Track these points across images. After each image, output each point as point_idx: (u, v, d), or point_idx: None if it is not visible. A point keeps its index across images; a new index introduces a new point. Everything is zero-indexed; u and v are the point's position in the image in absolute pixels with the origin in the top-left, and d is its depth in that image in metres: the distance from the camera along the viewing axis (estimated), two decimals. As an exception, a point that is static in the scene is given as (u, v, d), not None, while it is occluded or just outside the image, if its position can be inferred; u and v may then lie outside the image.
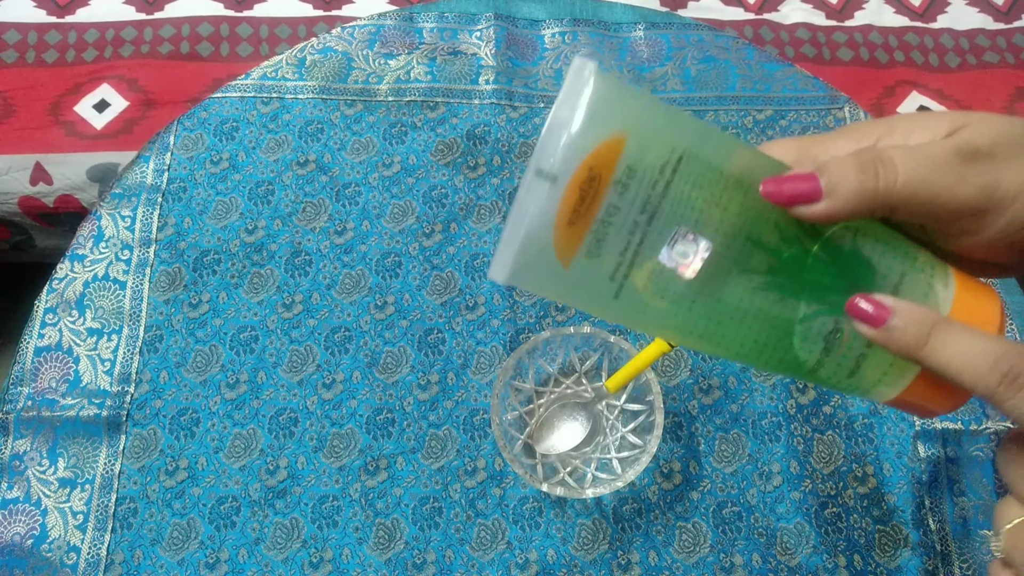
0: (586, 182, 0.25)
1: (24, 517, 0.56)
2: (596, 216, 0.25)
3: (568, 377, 0.60)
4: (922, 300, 0.27)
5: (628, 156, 0.25)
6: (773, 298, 0.27)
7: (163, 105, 0.96)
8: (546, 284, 0.27)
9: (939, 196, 0.25)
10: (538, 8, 0.78)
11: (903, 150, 0.26)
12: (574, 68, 0.25)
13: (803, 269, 0.27)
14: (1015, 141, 0.26)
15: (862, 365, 0.28)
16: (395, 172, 0.69)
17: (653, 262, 0.26)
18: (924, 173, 0.25)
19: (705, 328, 0.27)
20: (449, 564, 0.56)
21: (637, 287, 0.26)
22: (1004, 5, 1.10)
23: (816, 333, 0.27)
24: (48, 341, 0.61)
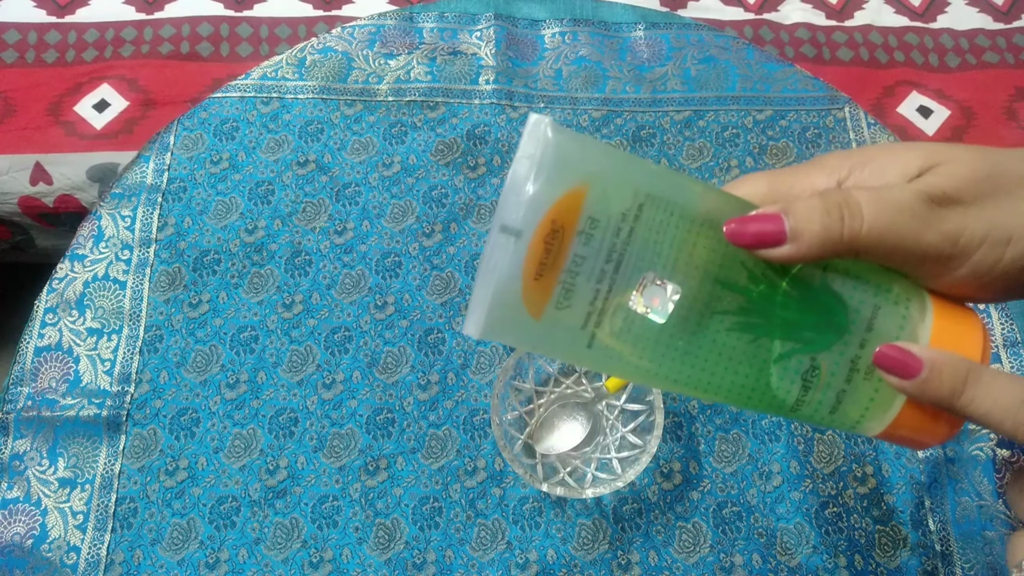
0: (550, 235, 0.25)
1: (24, 517, 0.56)
2: (563, 267, 0.25)
3: (568, 377, 0.60)
4: (898, 332, 0.27)
5: (590, 206, 0.25)
6: (747, 339, 0.27)
7: (163, 105, 0.96)
8: (519, 337, 0.27)
9: (904, 242, 0.25)
10: (538, 8, 0.78)
11: (870, 194, 0.25)
12: (531, 123, 0.25)
13: (774, 307, 0.27)
14: (983, 182, 0.26)
15: (843, 401, 0.27)
16: (395, 172, 0.69)
17: (623, 310, 0.26)
18: (890, 219, 0.25)
19: (680, 373, 0.27)
20: (449, 564, 0.56)
21: (609, 336, 0.26)
22: (1004, 5, 1.10)
23: (793, 371, 0.27)
24: (48, 341, 0.61)
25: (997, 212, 0.26)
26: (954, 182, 0.26)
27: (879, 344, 0.27)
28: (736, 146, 0.71)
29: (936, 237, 0.25)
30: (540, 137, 0.25)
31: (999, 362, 0.63)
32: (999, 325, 0.64)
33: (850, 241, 0.25)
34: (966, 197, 0.26)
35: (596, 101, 0.73)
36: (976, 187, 0.26)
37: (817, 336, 0.27)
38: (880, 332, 0.27)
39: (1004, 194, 0.26)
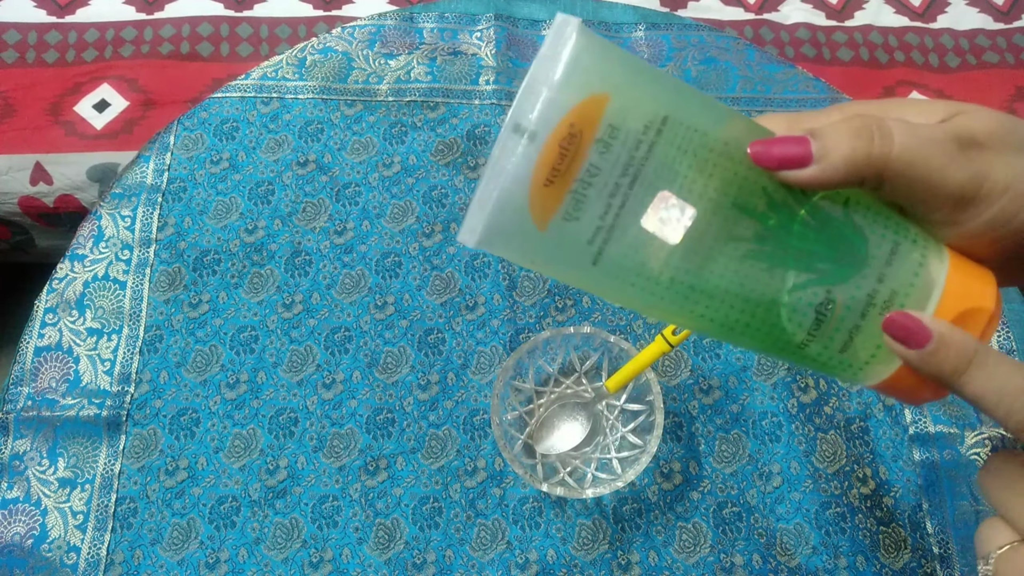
0: (566, 139, 0.23)
1: (24, 517, 0.56)
2: (576, 177, 0.24)
3: (568, 377, 0.60)
4: (914, 274, 0.26)
5: (611, 114, 0.24)
6: (760, 267, 0.25)
7: (163, 105, 0.96)
8: (520, 248, 0.25)
9: (931, 175, 0.24)
10: (538, 8, 0.78)
11: (902, 123, 0.25)
12: (556, 24, 0.23)
13: (791, 237, 0.25)
14: (1010, 135, 0.25)
15: (855, 339, 0.26)
16: (395, 172, 0.69)
17: (635, 227, 0.25)
18: (919, 148, 0.24)
19: (687, 300, 0.26)
20: (449, 564, 0.56)
21: (616, 254, 0.25)
22: (1004, 5, 1.10)
23: (806, 305, 0.26)
24: (48, 341, 0.61)
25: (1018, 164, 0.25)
26: (983, 129, 0.25)
27: (897, 282, 0.26)
28: (736, 146, 0.71)
29: (963, 175, 0.24)
30: (566, 38, 0.23)
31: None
32: (995, 333, 0.64)
33: (878, 162, 0.24)
34: (994, 144, 0.25)
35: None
36: (1003, 137, 0.25)
37: (835, 268, 0.25)
38: (898, 271, 0.26)
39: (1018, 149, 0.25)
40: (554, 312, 0.64)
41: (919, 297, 0.26)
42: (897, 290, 0.26)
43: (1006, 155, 0.25)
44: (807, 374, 0.62)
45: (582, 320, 0.64)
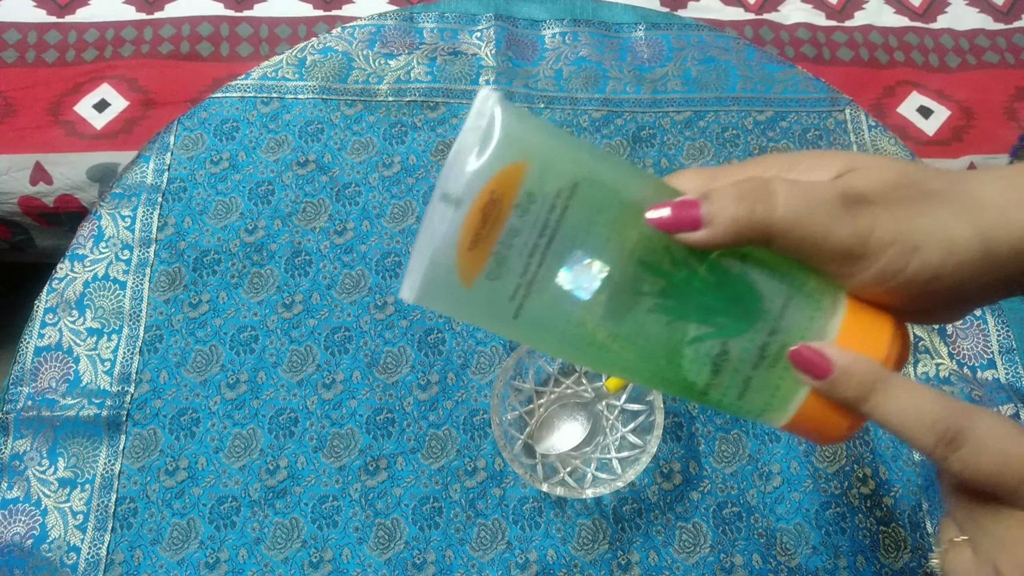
0: (488, 205, 0.25)
1: (24, 517, 0.56)
2: (497, 239, 0.26)
3: (568, 377, 0.60)
4: (807, 324, 0.27)
5: (528, 181, 0.25)
6: (664, 320, 0.27)
7: (163, 105, 0.96)
8: (450, 305, 0.27)
9: (815, 234, 0.26)
10: (538, 8, 0.78)
11: (789, 183, 0.26)
12: (480, 97, 0.26)
13: (692, 292, 0.27)
14: (899, 190, 0.26)
15: (750, 388, 0.28)
16: (395, 172, 0.69)
17: (551, 284, 0.27)
18: (803, 209, 0.25)
19: (600, 351, 0.28)
20: (449, 564, 0.56)
21: (535, 308, 0.27)
22: (1004, 5, 1.10)
23: (704, 355, 0.27)
24: (48, 341, 0.61)
25: (908, 219, 0.26)
26: (870, 184, 0.26)
27: (788, 334, 0.27)
28: (737, 147, 0.71)
29: (847, 232, 0.26)
30: (487, 111, 0.26)
31: (995, 368, 0.63)
32: (995, 332, 0.64)
33: (762, 225, 0.25)
34: (880, 200, 0.26)
35: (596, 101, 0.73)
36: (891, 192, 0.26)
37: (730, 322, 0.27)
38: (790, 322, 0.27)
39: (918, 203, 0.26)
40: (554, 312, 0.64)
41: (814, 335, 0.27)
42: (789, 342, 0.27)
43: (893, 210, 0.26)
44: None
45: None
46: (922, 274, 0.26)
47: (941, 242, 0.26)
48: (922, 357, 0.63)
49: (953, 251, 0.26)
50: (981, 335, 0.64)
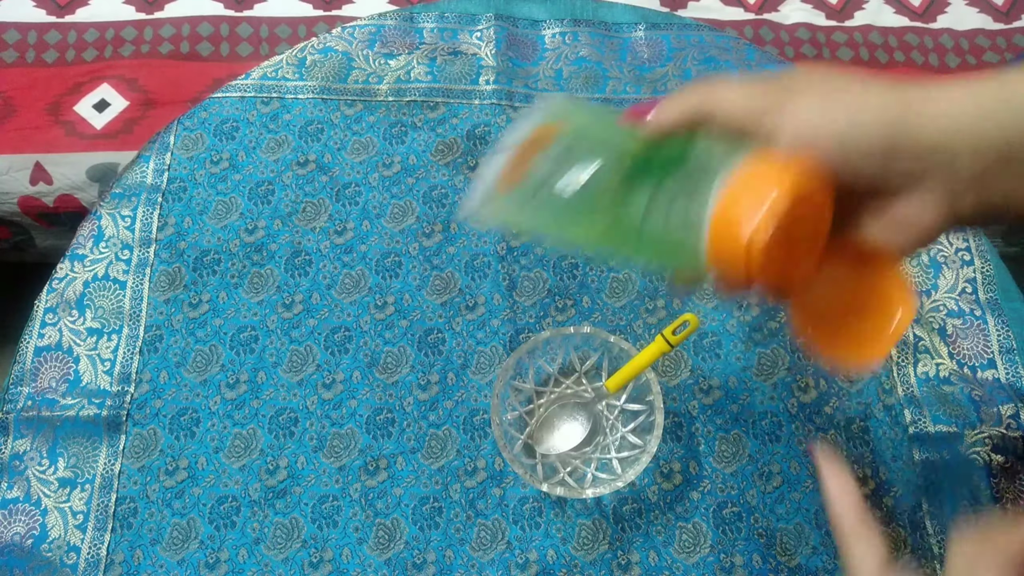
0: (528, 147, 0.37)
1: (24, 517, 0.56)
2: (528, 167, 0.36)
3: (568, 377, 0.60)
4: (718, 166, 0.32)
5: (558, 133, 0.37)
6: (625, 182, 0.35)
7: (163, 105, 0.96)
8: (493, 212, 0.37)
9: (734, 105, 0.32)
10: (538, 8, 0.78)
11: (722, 81, 0.33)
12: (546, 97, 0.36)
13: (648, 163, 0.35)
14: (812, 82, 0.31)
15: (671, 218, 0.33)
16: (395, 172, 0.69)
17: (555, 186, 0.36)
18: (728, 89, 0.32)
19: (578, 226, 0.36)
20: (449, 564, 0.56)
21: (545, 199, 0.36)
22: (1004, 5, 1.10)
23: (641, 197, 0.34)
24: (48, 341, 0.61)
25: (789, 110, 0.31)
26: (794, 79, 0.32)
27: (703, 174, 0.32)
28: (736, 146, 0.71)
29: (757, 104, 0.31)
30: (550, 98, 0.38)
31: (995, 368, 0.63)
32: (995, 332, 0.64)
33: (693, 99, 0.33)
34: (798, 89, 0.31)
35: (596, 101, 0.73)
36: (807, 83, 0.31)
37: (665, 175, 0.34)
38: (711, 162, 0.32)
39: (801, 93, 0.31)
40: (554, 312, 0.64)
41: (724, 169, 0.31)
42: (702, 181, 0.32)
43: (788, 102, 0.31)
44: (807, 374, 0.62)
45: (582, 320, 0.64)
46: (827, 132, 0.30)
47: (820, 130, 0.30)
48: (922, 357, 0.63)
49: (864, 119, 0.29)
50: (981, 335, 0.64)
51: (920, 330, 0.64)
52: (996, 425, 0.60)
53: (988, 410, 0.60)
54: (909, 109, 0.29)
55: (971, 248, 0.67)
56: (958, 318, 0.64)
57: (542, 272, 0.65)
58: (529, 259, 0.66)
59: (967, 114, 0.28)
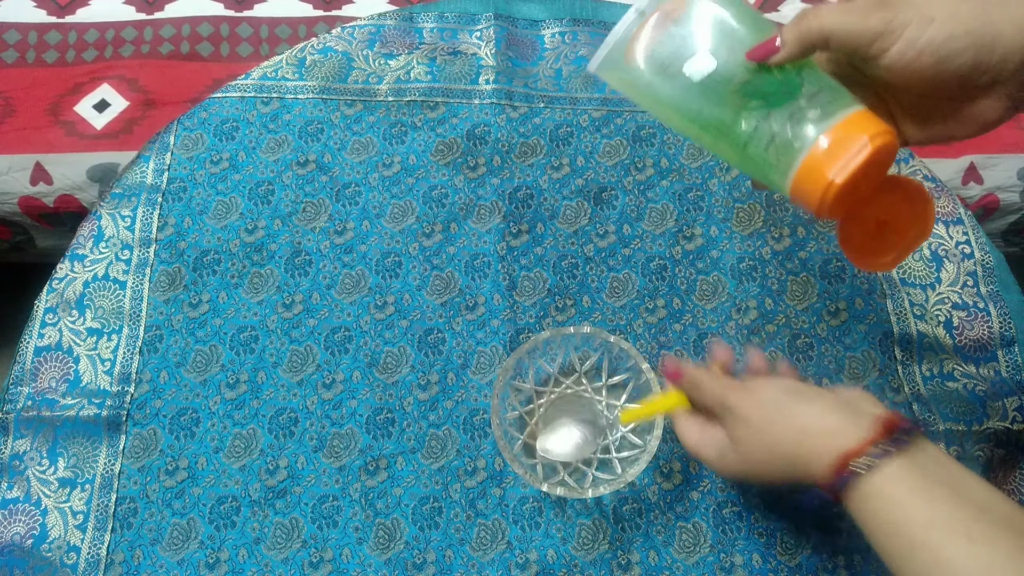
0: (661, 17, 0.40)
1: (24, 517, 0.56)
2: (659, 38, 0.40)
3: (568, 377, 0.60)
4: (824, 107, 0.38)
5: (688, 7, 0.40)
6: (737, 100, 0.39)
7: (163, 105, 0.96)
8: (617, 74, 0.42)
9: (855, 27, 0.36)
10: (538, 8, 0.78)
11: (829, 4, 0.37)
12: None
13: (762, 83, 0.39)
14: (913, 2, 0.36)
15: (773, 143, 0.38)
16: (395, 172, 0.69)
17: (680, 69, 0.40)
18: (841, 16, 0.36)
19: (694, 112, 0.41)
20: (449, 564, 0.56)
21: (668, 78, 0.40)
22: (1004, 5, 1.10)
23: (754, 115, 0.39)
24: (48, 341, 0.61)
25: (922, 4, 0.35)
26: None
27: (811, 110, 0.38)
28: (736, 146, 0.71)
29: (876, 20, 0.36)
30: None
31: (996, 360, 0.63)
32: (997, 323, 0.64)
33: (816, 32, 0.36)
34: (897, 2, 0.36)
35: (596, 101, 0.73)
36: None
37: (778, 99, 0.39)
38: (816, 102, 0.38)
39: None
40: (554, 312, 0.64)
41: (820, 119, 0.37)
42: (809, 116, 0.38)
43: (906, 6, 0.35)
44: (806, 376, 0.62)
45: (582, 320, 0.64)
46: (935, 40, 0.35)
47: (950, 12, 0.34)
48: (926, 354, 0.63)
49: (960, 20, 0.34)
50: (986, 326, 0.64)
51: (924, 326, 0.64)
52: (1003, 419, 0.60)
53: (993, 404, 0.61)
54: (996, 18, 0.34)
55: (971, 241, 0.67)
56: (963, 310, 0.64)
57: (542, 272, 0.65)
58: (529, 259, 0.66)
59: None
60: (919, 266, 0.66)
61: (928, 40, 0.35)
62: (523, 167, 0.69)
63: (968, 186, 0.97)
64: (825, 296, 0.65)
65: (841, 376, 0.62)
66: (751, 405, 0.43)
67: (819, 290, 0.65)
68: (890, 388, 0.62)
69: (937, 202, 0.69)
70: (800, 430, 0.40)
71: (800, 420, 0.40)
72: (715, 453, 0.45)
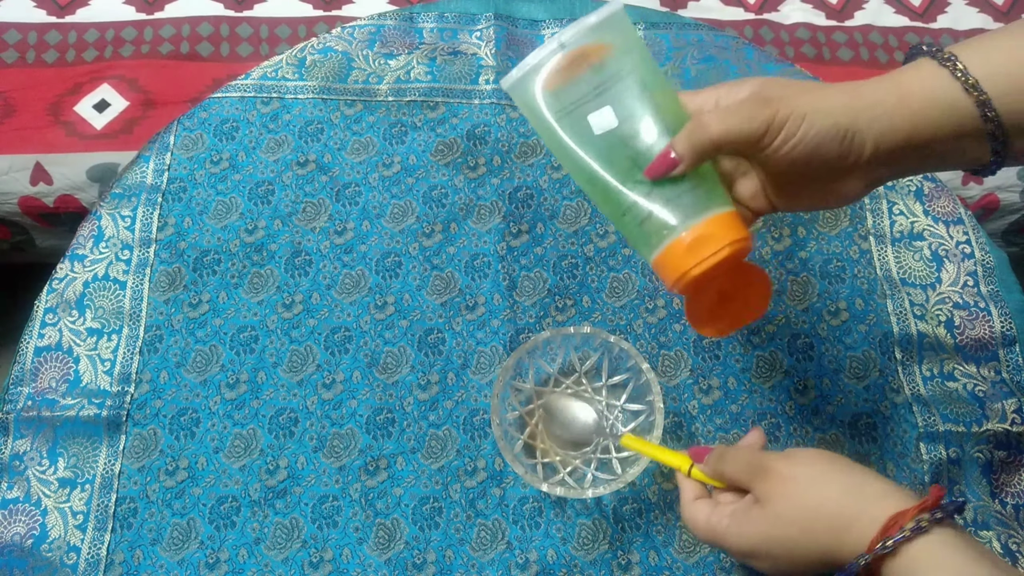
0: (579, 55, 0.42)
1: (24, 517, 0.56)
2: (573, 77, 0.42)
3: (568, 377, 0.60)
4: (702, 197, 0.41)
5: (606, 56, 0.42)
6: (628, 166, 0.42)
7: (163, 105, 0.96)
8: (528, 97, 0.43)
9: (741, 132, 0.39)
10: (538, 8, 0.78)
11: (713, 112, 0.40)
12: (610, 3, 0.42)
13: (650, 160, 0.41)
14: (789, 87, 0.40)
15: (649, 220, 0.41)
16: (395, 172, 0.69)
17: (584, 116, 0.42)
18: (728, 121, 0.39)
19: (586, 163, 0.42)
20: (449, 564, 0.56)
21: (570, 123, 0.42)
22: (1004, 5, 1.10)
23: (636, 194, 0.41)
24: (48, 341, 0.61)
25: (797, 101, 0.39)
26: (770, 88, 0.41)
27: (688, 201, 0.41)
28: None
29: (759, 124, 0.39)
30: (613, 7, 0.42)
31: (997, 360, 0.63)
32: (999, 322, 0.64)
33: (707, 145, 0.39)
34: (778, 97, 0.39)
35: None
36: (785, 89, 0.40)
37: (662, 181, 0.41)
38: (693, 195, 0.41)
39: (804, 92, 0.40)
40: (554, 312, 0.64)
41: (693, 211, 0.41)
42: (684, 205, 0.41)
43: (787, 99, 0.39)
44: (807, 377, 0.62)
45: (582, 320, 0.64)
46: (807, 135, 0.39)
47: (820, 110, 0.39)
48: (927, 355, 0.63)
49: (828, 115, 0.39)
50: (987, 326, 0.64)
51: (924, 326, 0.64)
52: (1002, 421, 0.60)
53: (992, 406, 0.60)
54: (857, 116, 0.39)
55: (971, 241, 0.67)
56: (964, 310, 0.64)
57: (542, 272, 0.65)
58: (529, 259, 0.66)
59: (887, 114, 0.39)
60: (919, 266, 0.66)
61: (801, 136, 0.39)
62: (523, 167, 0.69)
63: (968, 186, 0.97)
64: (825, 296, 0.65)
65: (841, 376, 0.62)
66: (798, 463, 0.42)
67: (819, 290, 0.65)
68: (890, 388, 0.62)
69: (937, 202, 0.69)
70: (850, 487, 0.40)
71: (854, 478, 0.41)
72: (729, 519, 0.43)
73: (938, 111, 0.39)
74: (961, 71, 0.39)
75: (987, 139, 0.39)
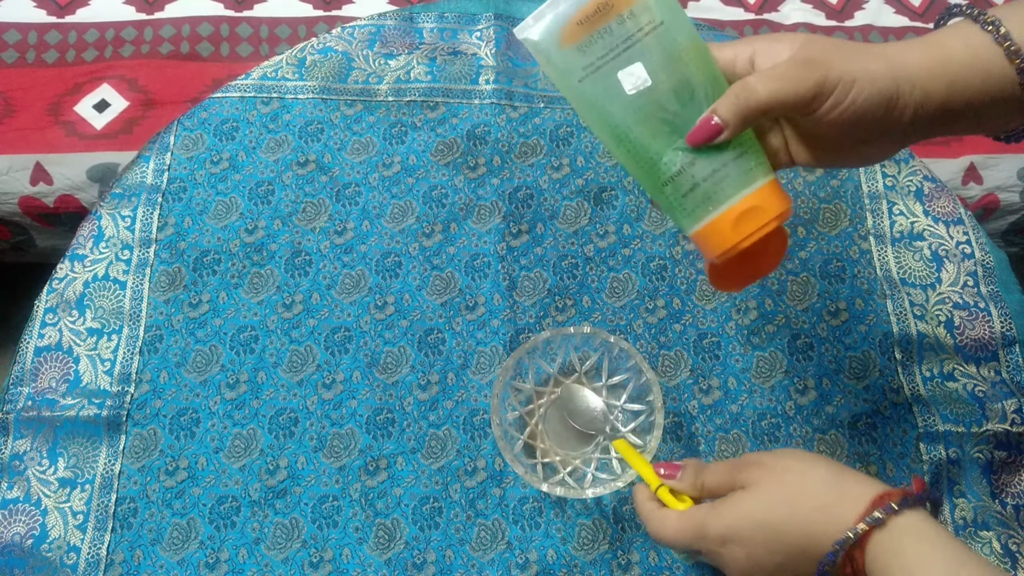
0: (604, 4, 0.39)
1: (24, 517, 0.56)
2: (598, 28, 0.39)
3: (568, 377, 0.60)
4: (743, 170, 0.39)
5: (635, 5, 0.39)
6: (665, 130, 0.40)
7: (163, 105, 0.96)
8: (546, 52, 0.40)
9: (789, 96, 0.38)
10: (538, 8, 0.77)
11: (759, 75, 0.39)
12: None
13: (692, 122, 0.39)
14: (835, 51, 0.39)
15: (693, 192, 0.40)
16: (395, 172, 0.69)
17: (612, 73, 0.39)
18: (775, 85, 0.38)
19: (617, 126, 0.40)
20: (449, 564, 0.56)
21: (594, 83, 0.39)
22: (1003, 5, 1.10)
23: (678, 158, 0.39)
24: (48, 341, 0.61)
25: (846, 65, 0.38)
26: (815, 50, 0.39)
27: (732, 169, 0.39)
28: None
29: (809, 84, 0.37)
30: None
31: (997, 360, 0.63)
32: (999, 323, 0.64)
33: (755, 108, 0.38)
34: (824, 59, 0.38)
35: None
36: (830, 52, 0.39)
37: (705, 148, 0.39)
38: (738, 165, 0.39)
39: (849, 56, 0.38)
40: (554, 312, 0.64)
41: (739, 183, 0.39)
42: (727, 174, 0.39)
43: (834, 62, 0.38)
44: (806, 377, 0.62)
45: (582, 320, 0.64)
46: (858, 100, 0.38)
47: (867, 74, 0.38)
48: (927, 355, 0.63)
49: (874, 81, 0.38)
50: (987, 326, 0.64)
51: (924, 326, 0.64)
52: (1001, 422, 0.60)
53: (992, 406, 0.60)
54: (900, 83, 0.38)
55: (971, 241, 0.67)
56: (964, 310, 0.64)
57: (542, 272, 0.65)
58: (529, 259, 0.66)
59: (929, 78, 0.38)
60: (919, 266, 0.66)
61: (850, 102, 0.38)
62: (523, 167, 0.69)
63: (968, 186, 0.97)
64: (825, 296, 0.65)
65: (841, 376, 0.62)
66: (783, 455, 0.43)
67: (819, 290, 0.65)
68: (890, 389, 0.62)
69: (937, 202, 0.69)
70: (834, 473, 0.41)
71: (836, 467, 0.42)
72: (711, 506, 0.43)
73: (979, 78, 0.38)
74: (1005, 35, 0.38)
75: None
